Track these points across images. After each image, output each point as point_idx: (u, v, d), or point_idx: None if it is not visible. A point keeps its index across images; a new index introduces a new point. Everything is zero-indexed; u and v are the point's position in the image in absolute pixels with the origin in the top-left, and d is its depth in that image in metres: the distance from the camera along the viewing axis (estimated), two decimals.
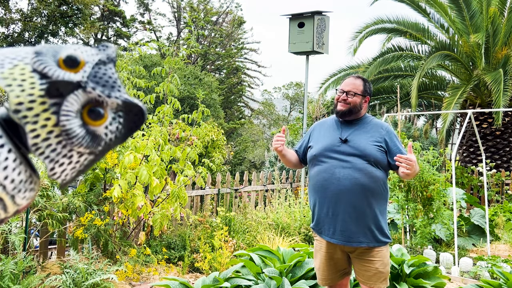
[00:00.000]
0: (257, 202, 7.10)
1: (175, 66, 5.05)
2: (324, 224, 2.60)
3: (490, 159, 10.61)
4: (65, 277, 3.47)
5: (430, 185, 5.32)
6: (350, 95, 2.58)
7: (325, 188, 2.55)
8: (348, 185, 2.47)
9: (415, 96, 10.06)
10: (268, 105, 27.69)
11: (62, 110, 0.55)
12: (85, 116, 0.56)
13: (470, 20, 10.75)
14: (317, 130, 2.74)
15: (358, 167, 2.48)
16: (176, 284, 3.33)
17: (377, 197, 2.51)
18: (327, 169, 2.56)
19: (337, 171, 2.51)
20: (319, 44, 6.85)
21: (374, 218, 2.50)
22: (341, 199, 2.50)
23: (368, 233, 2.50)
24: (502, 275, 3.89)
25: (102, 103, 0.56)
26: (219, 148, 8.51)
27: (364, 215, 2.49)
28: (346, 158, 2.51)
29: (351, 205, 2.48)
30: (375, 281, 2.53)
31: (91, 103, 0.56)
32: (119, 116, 0.58)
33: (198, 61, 22.17)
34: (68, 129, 0.55)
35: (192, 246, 4.87)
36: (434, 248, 5.72)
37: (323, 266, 2.67)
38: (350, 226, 2.50)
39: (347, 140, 2.55)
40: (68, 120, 0.55)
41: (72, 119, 0.55)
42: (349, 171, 2.48)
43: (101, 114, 0.57)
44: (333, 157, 2.55)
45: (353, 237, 2.51)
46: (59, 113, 0.55)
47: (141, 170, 4.05)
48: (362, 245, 2.51)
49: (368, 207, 2.48)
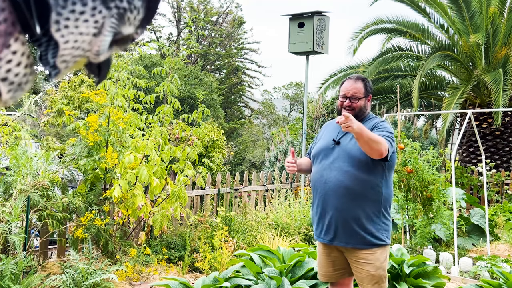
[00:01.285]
0: (257, 202, 7.10)
1: (175, 66, 5.06)
2: (314, 223, 2.66)
3: (489, 159, 10.61)
4: (65, 277, 3.47)
5: (430, 185, 5.33)
6: (354, 99, 2.56)
7: (315, 188, 2.61)
8: (333, 187, 2.49)
9: (416, 96, 10.06)
10: (268, 105, 27.69)
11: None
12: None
13: (470, 20, 10.75)
14: (322, 131, 2.77)
15: (343, 170, 2.48)
16: (176, 284, 3.34)
17: (364, 200, 2.48)
18: (318, 170, 2.60)
19: (325, 173, 2.54)
20: (319, 44, 6.86)
21: (359, 221, 2.48)
22: (327, 200, 2.53)
23: (354, 235, 2.49)
24: (502, 275, 3.89)
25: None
26: (219, 148, 8.52)
27: (349, 217, 2.48)
28: (334, 160, 2.53)
29: (336, 207, 2.50)
30: (367, 283, 2.52)
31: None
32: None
33: (198, 61, 22.17)
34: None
35: (192, 246, 4.88)
36: (434, 248, 5.72)
37: (321, 263, 2.72)
38: (335, 227, 2.52)
39: (339, 142, 2.55)
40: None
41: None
42: (335, 173, 2.50)
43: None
44: (325, 158, 2.57)
45: (338, 237, 2.53)
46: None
47: (141, 170, 4.05)
48: (348, 246, 2.52)
49: (353, 210, 2.47)
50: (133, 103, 4.87)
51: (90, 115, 4.30)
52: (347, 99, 2.57)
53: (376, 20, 11.84)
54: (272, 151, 11.24)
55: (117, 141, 4.52)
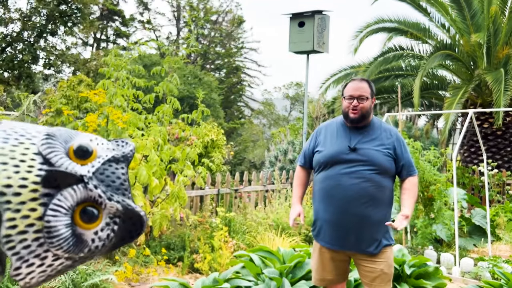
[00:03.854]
0: (257, 202, 7.08)
1: (175, 66, 5.02)
2: (326, 231, 2.56)
3: (491, 159, 10.57)
4: (64, 278, 3.45)
5: (431, 185, 5.30)
6: (361, 100, 2.51)
7: (331, 195, 2.51)
8: (355, 195, 2.44)
9: (417, 96, 10.04)
10: (268, 105, 27.68)
11: (52, 203, 0.48)
12: (77, 215, 0.49)
13: (471, 20, 10.72)
14: (323, 134, 2.66)
15: (365, 177, 2.44)
16: (176, 285, 3.31)
17: (383, 206, 2.49)
18: (333, 176, 2.50)
19: (343, 180, 2.46)
20: (319, 44, 6.83)
21: (379, 226, 2.47)
22: (346, 208, 2.46)
23: (373, 240, 2.48)
24: (503, 276, 3.86)
25: (101, 204, 0.50)
26: (219, 148, 8.48)
27: (370, 224, 2.46)
28: (354, 166, 2.46)
29: (357, 215, 2.45)
30: (379, 282, 2.50)
31: (88, 201, 0.49)
32: (114, 222, 0.51)
33: (197, 60, 22.15)
34: (52, 226, 0.47)
35: (191, 246, 4.85)
36: (435, 248, 5.69)
37: (322, 267, 2.65)
38: (356, 234, 2.47)
39: (356, 148, 2.49)
40: (55, 217, 0.47)
41: (60, 217, 0.48)
42: (356, 180, 2.44)
43: (94, 217, 0.50)
44: (339, 164, 2.49)
45: (359, 244, 2.49)
46: (48, 206, 0.47)
47: (140, 170, 4.02)
48: (366, 251, 2.50)
49: (374, 216, 2.46)
50: (132, 103, 4.84)
51: (89, 115, 4.27)
52: (354, 100, 2.51)
53: (377, 19, 11.81)
54: (272, 151, 11.21)
55: None
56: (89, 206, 0.49)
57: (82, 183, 0.49)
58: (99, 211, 0.49)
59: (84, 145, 0.50)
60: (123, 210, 0.50)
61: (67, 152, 0.50)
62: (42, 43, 16.84)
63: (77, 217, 0.49)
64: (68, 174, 0.48)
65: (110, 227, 0.50)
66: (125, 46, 22.14)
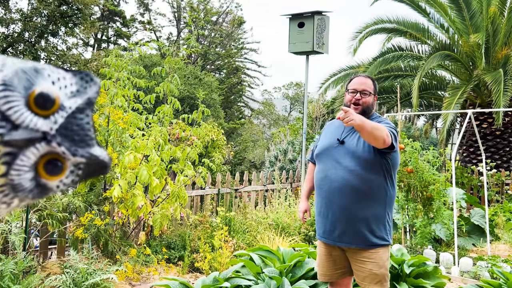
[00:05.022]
0: (257, 202, 7.10)
1: (175, 66, 5.05)
2: (318, 223, 2.65)
3: (490, 159, 10.60)
4: (65, 277, 3.47)
5: (430, 185, 5.32)
6: (364, 94, 2.56)
7: (320, 187, 2.59)
8: (339, 186, 2.48)
9: (416, 96, 10.06)
10: (268, 105, 27.70)
11: (15, 163, 0.47)
12: (40, 167, 0.49)
13: (470, 20, 10.74)
14: (325, 130, 2.76)
15: (349, 169, 2.47)
16: (176, 284, 3.33)
17: (370, 200, 2.48)
18: (323, 169, 2.58)
19: (330, 172, 2.53)
20: (319, 44, 6.85)
21: (365, 221, 2.48)
22: (331, 200, 2.52)
23: (358, 235, 2.49)
24: (502, 275, 3.88)
25: (64, 158, 0.49)
26: (219, 148, 8.51)
27: (354, 217, 2.47)
28: (340, 159, 2.51)
29: (341, 207, 2.49)
30: (369, 282, 2.52)
31: (51, 154, 0.49)
32: (78, 168, 0.51)
33: (198, 61, 22.16)
34: (16, 184, 0.48)
35: (192, 246, 4.87)
36: (434, 248, 5.72)
37: (322, 262, 2.70)
38: (340, 227, 2.51)
39: (344, 141, 2.54)
40: (18, 175, 0.48)
41: (23, 174, 0.48)
42: (341, 172, 2.48)
43: (58, 169, 0.49)
44: (329, 157, 2.56)
45: (342, 237, 2.52)
46: (11, 166, 0.47)
47: (141, 170, 4.05)
48: (352, 246, 2.51)
49: (359, 210, 2.47)
50: (133, 103, 4.86)
51: None
52: (357, 93, 2.56)
53: (376, 20, 11.83)
54: (272, 151, 11.23)
55: (117, 141, 4.52)
56: (53, 159, 0.49)
57: (44, 140, 0.48)
58: (63, 164, 0.49)
59: (45, 93, 0.48)
60: (87, 161, 0.50)
61: (28, 102, 0.47)
62: (43, 44, 16.87)
63: (40, 169, 0.48)
64: (30, 136, 0.47)
65: (74, 173, 0.50)
66: (126, 47, 22.17)
